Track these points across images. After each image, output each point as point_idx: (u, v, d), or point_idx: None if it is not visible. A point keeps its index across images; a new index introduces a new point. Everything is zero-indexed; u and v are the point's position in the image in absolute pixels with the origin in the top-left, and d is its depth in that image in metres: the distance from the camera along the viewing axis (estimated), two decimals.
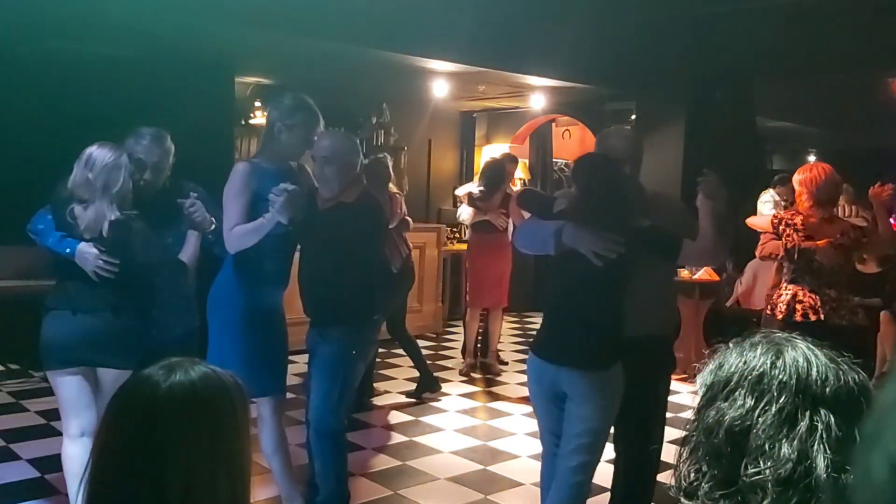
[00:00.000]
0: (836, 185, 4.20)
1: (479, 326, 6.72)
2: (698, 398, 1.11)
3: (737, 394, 1.05)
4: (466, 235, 6.91)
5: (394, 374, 6.44)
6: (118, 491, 1.23)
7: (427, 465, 4.46)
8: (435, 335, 7.98)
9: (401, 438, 4.92)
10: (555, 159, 10.34)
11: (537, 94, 8.28)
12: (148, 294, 3.28)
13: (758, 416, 1.02)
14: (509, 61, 6.84)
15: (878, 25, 6.30)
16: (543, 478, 3.12)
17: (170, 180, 3.46)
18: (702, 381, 1.11)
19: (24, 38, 5.61)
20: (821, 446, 0.98)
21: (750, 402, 1.04)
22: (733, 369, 1.08)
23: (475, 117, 10.04)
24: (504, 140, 10.01)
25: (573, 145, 10.55)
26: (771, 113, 8.96)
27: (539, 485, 3.18)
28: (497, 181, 6.34)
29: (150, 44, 5.94)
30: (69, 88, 5.71)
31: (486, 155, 9.01)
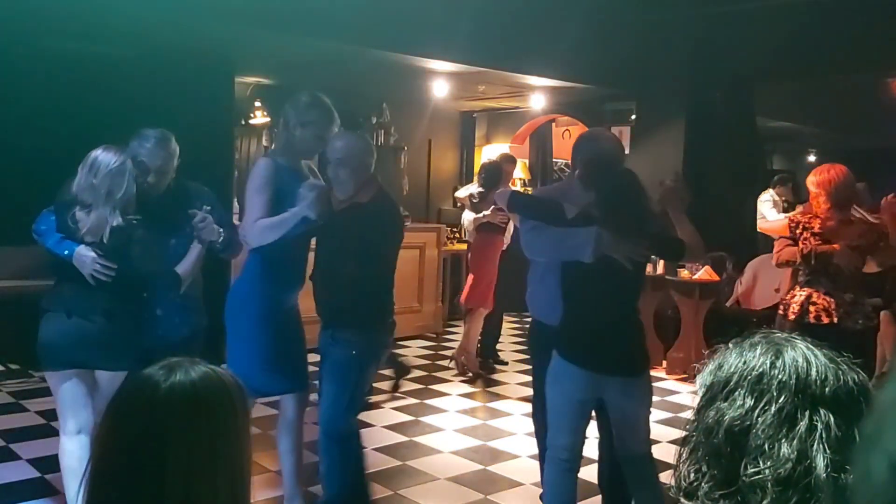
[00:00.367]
0: (853, 185, 4.11)
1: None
2: (698, 398, 1.11)
3: (736, 394, 1.05)
4: (466, 236, 6.86)
5: (393, 373, 6.42)
6: (118, 491, 1.23)
7: (427, 465, 4.46)
8: (435, 335, 7.96)
9: (401, 438, 4.92)
10: (555, 159, 10.35)
11: (537, 94, 8.28)
12: (142, 299, 3.28)
13: (757, 416, 1.02)
14: (509, 61, 6.84)
15: (878, 25, 6.31)
16: (551, 484, 3.12)
17: (174, 181, 3.45)
18: (701, 382, 1.11)
19: (24, 37, 5.61)
20: (820, 446, 0.98)
21: (749, 402, 1.04)
22: (733, 369, 1.08)
23: (475, 117, 10.04)
24: (504, 140, 10.01)
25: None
26: (771, 113, 8.95)
27: (539, 485, 3.18)
28: (494, 182, 6.31)
29: (150, 44, 5.94)
30: (69, 88, 5.72)
31: (486, 155, 9.00)
